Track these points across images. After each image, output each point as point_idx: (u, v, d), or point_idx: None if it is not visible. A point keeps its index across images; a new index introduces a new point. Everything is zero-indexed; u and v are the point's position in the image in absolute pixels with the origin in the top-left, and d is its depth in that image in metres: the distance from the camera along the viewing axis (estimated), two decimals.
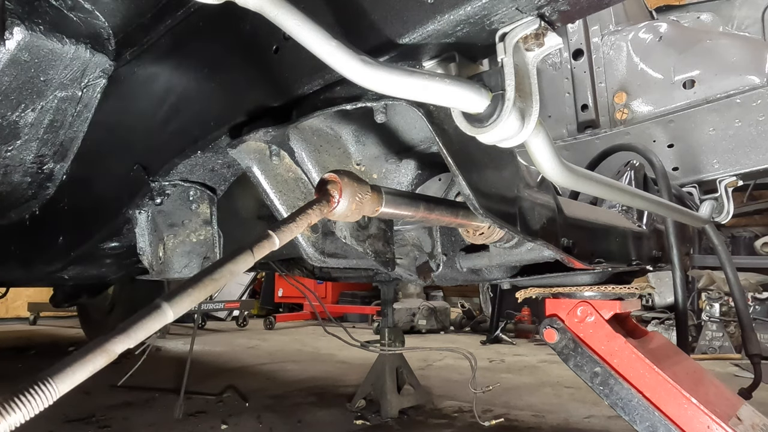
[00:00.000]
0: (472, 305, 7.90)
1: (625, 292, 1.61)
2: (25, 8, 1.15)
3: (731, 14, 2.68)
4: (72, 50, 1.22)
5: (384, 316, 3.38)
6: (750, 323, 2.02)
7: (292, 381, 3.95)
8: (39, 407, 0.45)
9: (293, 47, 0.92)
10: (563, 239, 1.23)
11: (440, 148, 0.89)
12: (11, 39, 1.14)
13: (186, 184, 1.36)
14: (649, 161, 1.82)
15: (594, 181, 1.05)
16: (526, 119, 0.76)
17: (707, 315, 5.20)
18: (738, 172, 2.26)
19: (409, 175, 1.36)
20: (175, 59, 1.24)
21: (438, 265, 1.50)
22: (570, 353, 1.55)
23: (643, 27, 2.39)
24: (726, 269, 2.01)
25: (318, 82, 0.94)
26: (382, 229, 1.32)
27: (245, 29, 1.05)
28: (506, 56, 0.74)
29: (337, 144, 1.25)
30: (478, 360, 3.10)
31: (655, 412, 1.41)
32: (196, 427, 2.77)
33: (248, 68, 1.07)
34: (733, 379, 3.92)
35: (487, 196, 0.97)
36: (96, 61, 1.28)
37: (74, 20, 1.22)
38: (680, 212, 1.63)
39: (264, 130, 1.06)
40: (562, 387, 3.76)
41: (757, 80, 2.09)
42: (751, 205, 5.69)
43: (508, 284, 1.68)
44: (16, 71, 1.19)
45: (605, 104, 2.40)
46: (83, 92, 1.33)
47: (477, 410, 2.85)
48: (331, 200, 0.82)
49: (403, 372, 3.17)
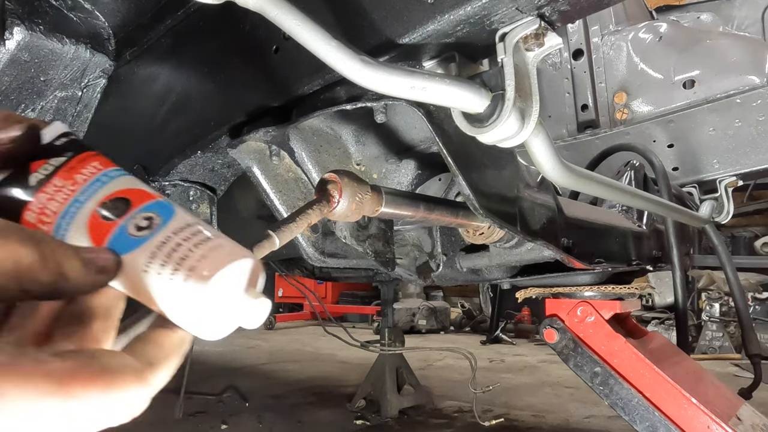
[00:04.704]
0: (472, 305, 7.90)
1: (625, 292, 1.61)
2: (25, 8, 1.15)
3: (731, 14, 2.68)
4: (72, 50, 1.22)
5: (384, 316, 3.38)
6: (750, 323, 2.02)
7: (292, 381, 3.95)
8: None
9: (293, 47, 0.92)
10: (563, 239, 1.23)
11: (440, 148, 0.89)
12: (11, 39, 1.14)
13: (186, 184, 1.36)
14: (649, 161, 1.82)
15: (594, 181, 1.05)
16: (526, 119, 0.76)
17: (707, 315, 5.20)
18: (738, 172, 2.26)
19: (409, 175, 1.36)
20: (175, 59, 1.24)
21: (438, 265, 1.50)
22: (570, 353, 1.55)
23: (643, 27, 2.39)
24: (726, 269, 2.01)
25: (318, 82, 0.94)
26: (382, 229, 1.32)
27: (245, 29, 1.05)
28: (506, 56, 0.74)
29: (337, 144, 1.25)
30: (478, 360, 3.10)
31: (655, 412, 1.41)
32: (196, 427, 2.77)
33: (248, 68, 1.06)
34: (733, 379, 3.92)
35: (487, 196, 0.97)
36: (96, 61, 1.28)
37: (74, 20, 1.22)
38: (680, 212, 1.63)
39: (264, 130, 1.06)
40: (562, 387, 3.76)
41: (757, 80, 2.09)
42: (751, 205, 5.69)
43: (508, 284, 1.68)
44: (16, 71, 1.19)
45: (605, 104, 2.40)
46: (83, 92, 1.33)
47: (477, 410, 2.85)
48: (331, 200, 0.82)
49: (403, 372, 3.17)
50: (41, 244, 0.32)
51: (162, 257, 0.35)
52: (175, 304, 0.35)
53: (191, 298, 0.35)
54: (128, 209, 0.38)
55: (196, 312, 0.36)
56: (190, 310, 0.36)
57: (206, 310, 0.36)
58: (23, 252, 0.31)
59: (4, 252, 0.30)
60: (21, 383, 0.28)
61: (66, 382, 0.30)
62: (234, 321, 0.37)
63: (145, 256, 0.35)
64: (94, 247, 0.37)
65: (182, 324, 0.37)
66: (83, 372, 0.31)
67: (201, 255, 0.36)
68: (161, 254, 0.35)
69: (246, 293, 0.37)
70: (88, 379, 0.30)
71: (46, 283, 0.31)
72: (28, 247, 0.31)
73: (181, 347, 0.37)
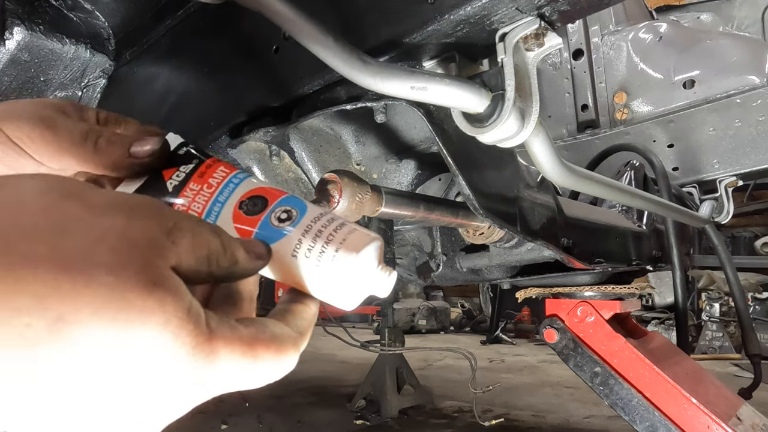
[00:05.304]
0: (472, 305, 7.90)
1: (625, 292, 1.61)
2: (25, 8, 1.15)
3: (731, 14, 2.68)
4: (72, 50, 1.22)
5: (384, 316, 3.38)
6: (750, 323, 2.02)
7: (292, 381, 3.95)
8: None
9: (293, 47, 0.92)
10: (563, 239, 1.23)
11: (440, 148, 0.89)
12: (11, 39, 1.14)
13: None
14: (649, 161, 1.82)
15: (594, 181, 1.05)
16: (526, 119, 0.76)
17: (707, 315, 5.21)
18: (738, 172, 2.26)
19: (409, 175, 1.36)
20: (175, 59, 1.24)
21: (438, 265, 1.50)
22: (570, 353, 1.55)
23: (643, 27, 2.39)
24: (726, 269, 2.01)
25: (318, 82, 0.94)
26: (382, 229, 1.32)
27: (245, 29, 1.04)
28: (506, 56, 0.74)
29: (337, 144, 1.25)
30: (478, 360, 3.10)
31: (655, 412, 1.41)
32: (196, 428, 2.77)
33: (248, 68, 1.06)
34: (733, 379, 3.92)
35: (487, 196, 0.97)
36: (96, 61, 1.28)
37: (74, 20, 1.22)
38: (680, 212, 1.63)
39: (264, 130, 1.06)
40: (562, 387, 3.76)
41: (757, 80, 2.09)
42: (751, 205, 5.69)
43: (508, 284, 1.68)
44: (16, 71, 1.19)
45: (605, 104, 2.40)
46: (83, 92, 1.33)
47: (477, 410, 2.85)
48: (331, 200, 0.82)
49: (403, 372, 3.17)
50: (222, 234, 0.37)
51: (309, 241, 0.41)
52: (322, 280, 0.41)
53: (339, 272, 0.41)
54: (266, 205, 0.43)
55: (341, 285, 0.42)
56: (336, 284, 0.41)
57: (350, 283, 0.42)
58: (213, 240, 0.36)
59: (200, 240, 0.35)
60: (226, 346, 0.33)
61: (252, 346, 0.35)
62: (367, 291, 0.43)
63: (292, 242, 0.41)
64: (249, 239, 0.42)
65: (326, 298, 0.42)
66: (262, 338, 0.36)
67: (343, 236, 0.42)
68: (308, 239, 0.41)
69: (379, 267, 0.43)
70: (265, 344, 0.36)
71: (225, 267, 0.37)
72: (215, 237, 0.36)
73: (315, 320, 0.43)
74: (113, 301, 0.29)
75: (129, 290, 0.29)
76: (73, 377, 0.29)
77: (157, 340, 0.30)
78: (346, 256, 0.41)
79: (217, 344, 0.33)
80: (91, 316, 0.28)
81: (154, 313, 0.30)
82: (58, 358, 0.28)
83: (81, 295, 0.28)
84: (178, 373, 0.31)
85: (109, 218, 0.32)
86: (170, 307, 0.31)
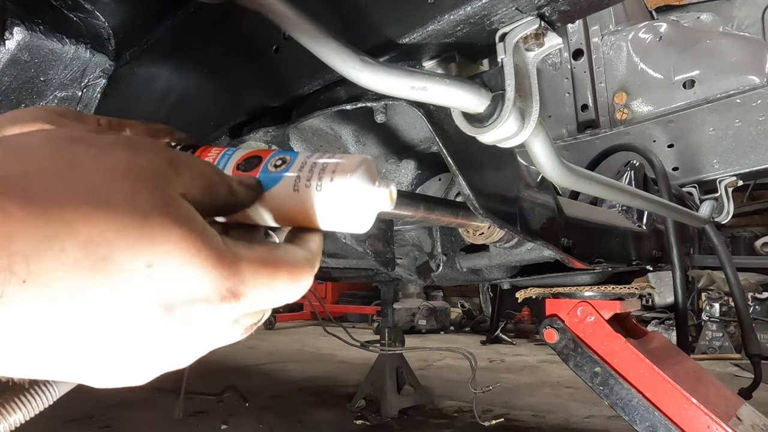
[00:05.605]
0: (472, 305, 7.90)
1: (625, 292, 1.61)
2: (25, 8, 1.15)
3: (731, 14, 2.68)
4: (72, 50, 1.22)
5: (384, 316, 3.38)
6: (750, 323, 2.02)
7: (292, 381, 3.95)
8: None
9: (293, 47, 0.92)
10: (563, 239, 1.23)
11: (440, 148, 0.89)
12: (11, 39, 1.14)
13: None
14: (649, 161, 1.82)
15: (594, 181, 1.05)
16: (526, 119, 0.76)
17: (707, 315, 5.20)
18: (738, 172, 2.26)
19: (409, 175, 1.36)
20: (175, 59, 1.24)
21: (438, 265, 1.50)
22: (570, 353, 1.55)
23: (643, 27, 2.39)
24: (726, 269, 2.01)
25: (318, 82, 0.94)
26: (382, 229, 1.32)
27: (245, 29, 1.04)
28: (506, 56, 0.74)
29: (337, 144, 1.25)
30: (478, 360, 3.10)
31: (655, 412, 1.41)
32: (196, 427, 2.77)
33: (248, 68, 1.06)
34: (733, 379, 3.92)
35: (487, 196, 0.97)
36: (96, 61, 1.28)
37: (74, 20, 1.22)
38: (680, 212, 1.63)
39: (264, 130, 1.06)
40: (562, 387, 3.76)
41: (757, 80, 2.09)
42: (751, 205, 5.70)
43: (508, 284, 1.68)
44: (16, 71, 1.19)
45: (605, 104, 2.40)
46: (83, 92, 1.32)
47: (477, 410, 2.85)
48: None
49: (403, 372, 3.17)
50: (217, 169, 0.42)
51: (306, 176, 0.44)
52: (327, 206, 0.44)
53: (341, 195, 0.44)
54: (261, 161, 0.47)
55: (345, 208, 0.44)
56: (340, 207, 0.44)
57: (353, 203, 0.44)
58: (212, 172, 0.40)
59: (198, 170, 0.38)
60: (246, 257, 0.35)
61: (270, 260, 0.37)
62: (374, 209, 0.46)
63: (291, 180, 0.44)
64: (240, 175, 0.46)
65: (335, 225, 0.45)
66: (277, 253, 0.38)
67: (335, 165, 0.44)
68: (304, 174, 0.44)
69: (376, 183, 0.45)
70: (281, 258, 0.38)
71: (223, 197, 0.40)
72: (212, 169, 0.40)
73: (321, 247, 0.46)
74: (135, 221, 0.31)
75: (147, 211, 0.32)
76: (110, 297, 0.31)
77: (183, 252, 0.32)
78: (342, 178, 0.43)
79: (238, 254, 0.35)
80: (116, 236, 0.31)
81: (174, 229, 0.32)
82: (94, 279, 0.30)
83: (103, 218, 0.31)
84: (207, 285, 0.33)
85: (116, 153, 0.34)
86: (186, 225, 0.33)
